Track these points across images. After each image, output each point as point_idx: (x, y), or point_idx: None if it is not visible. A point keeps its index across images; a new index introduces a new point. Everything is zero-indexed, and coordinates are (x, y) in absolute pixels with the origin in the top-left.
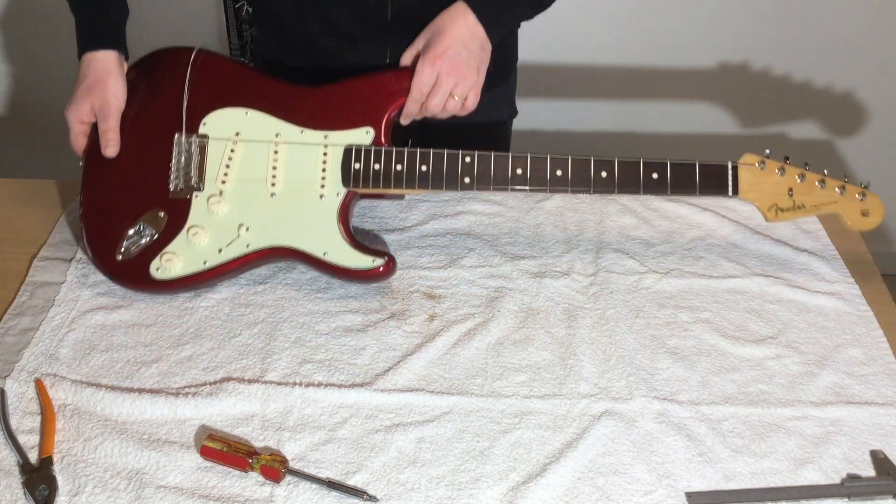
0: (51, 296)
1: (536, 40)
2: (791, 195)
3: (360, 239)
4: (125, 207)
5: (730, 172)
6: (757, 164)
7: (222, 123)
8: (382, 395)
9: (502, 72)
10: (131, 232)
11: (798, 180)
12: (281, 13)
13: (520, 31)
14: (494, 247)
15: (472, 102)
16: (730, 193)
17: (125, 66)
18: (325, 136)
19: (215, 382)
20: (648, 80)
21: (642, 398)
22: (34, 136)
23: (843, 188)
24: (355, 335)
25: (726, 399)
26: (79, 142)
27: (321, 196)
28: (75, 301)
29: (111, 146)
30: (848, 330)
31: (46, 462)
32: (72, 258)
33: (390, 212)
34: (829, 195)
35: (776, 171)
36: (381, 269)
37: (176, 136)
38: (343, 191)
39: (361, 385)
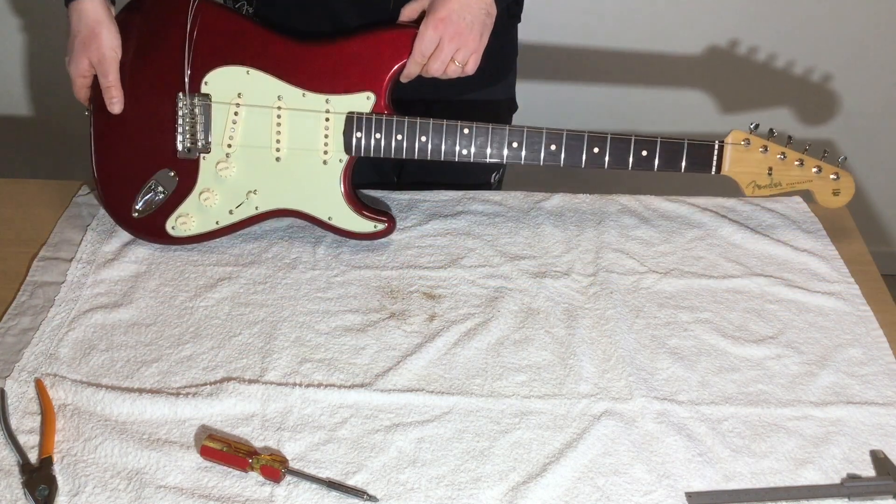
0: (51, 296)
1: (535, 26)
2: (770, 174)
3: (362, 200)
4: (136, 165)
5: (716, 152)
6: (742, 143)
7: (224, 82)
8: (382, 394)
9: (502, 68)
10: (144, 190)
11: (779, 158)
12: (284, 10)
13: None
14: (494, 247)
15: (472, 67)
16: (713, 171)
17: (113, 11)
18: (327, 101)
19: (215, 382)
20: (649, 80)
21: (642, 398)
22: (35, 137)
23: (819, 168)
24: (355, 335)
25: (726, 399)
26: (83, 93)
27: (324, 162)
28: (75, 301)
29: (116, 103)
30: (848, 330)
31: (46, 462)
32: (72, 258)
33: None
34: (805, 174)
35: (759, 149)
36: (383, 231)
37: (179, 94)
38: (345, 157)
39: (361, 385)
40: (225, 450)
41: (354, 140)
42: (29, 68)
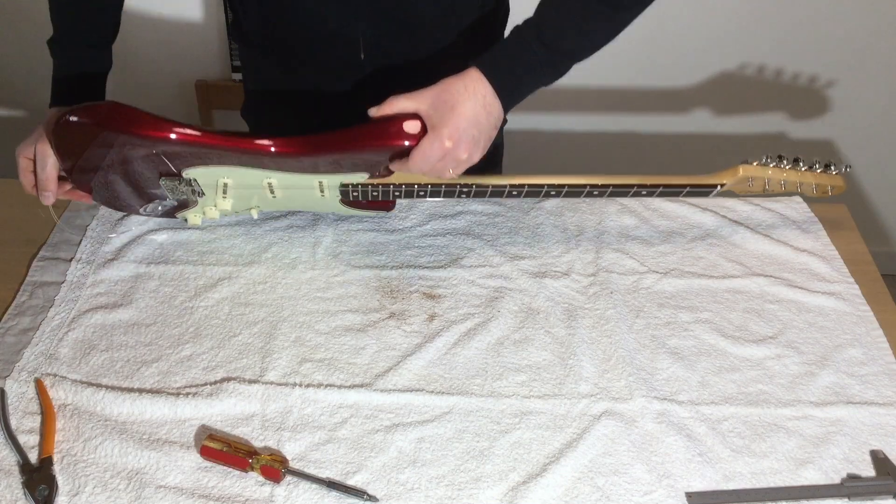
0: (51, 296)
1: None
2: (765, 188)
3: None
4: (132, 200)
5: (716, 191)
6: (749, 183)
7: (206, 175)
8: (382, 394)
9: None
10: (148, 206)
11: (781, 187)
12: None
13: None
14: (494, 247)
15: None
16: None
17: None
18: (320, 180)
19: (215, 382)
20: (648, 79)
21: (642, 398)
22: None
23: (815, 186)
24: (355, 335)
25: (726, 399)
26: (26, 178)
27: (322, 195)
28: (75, 301)
29: (48, 197)
30: (848, 330)
31: (46, 462)
32: (72, 258)
33: (389, 212)
34: (802, 187)
35: (764, 183)
36: (385, 211)
37: (161, 179)
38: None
39: (361, 385)
40: (225, 450)
41: (350, 195)
42: (29, 68)
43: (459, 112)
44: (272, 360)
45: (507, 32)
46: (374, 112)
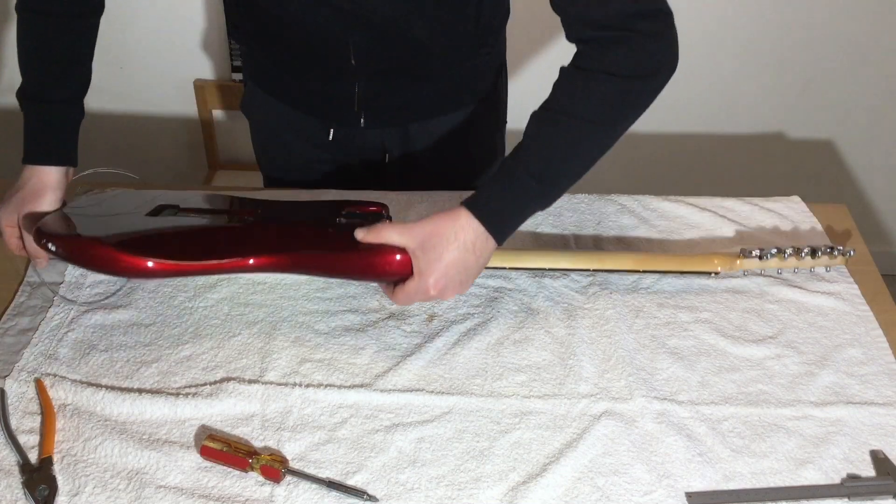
0: (50, 296)
1: (529, 34)
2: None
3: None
4: None
5: (710, 275)
6: (742, 273)
7: None
8: (382, 394)
9: (486, 83)
10: None
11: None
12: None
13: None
14: None
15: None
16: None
17: (69, 176)
18: None
19: (215, 382)
20: None
21: (642, 398)
22: None
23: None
24: (355, 335)
25: (726, 399)
26: (13, 244)
27: None
28: (75, 301)
29: (39, 262)
30: (848, 330)
31: (46, 462)
32: None
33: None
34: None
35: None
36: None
37: None
38: None
39: (361, 385)
40: (225, 450)
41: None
42: None
43: (447, 261)
44: (272, 361)
45: (506, 33)
46: (362, 236)
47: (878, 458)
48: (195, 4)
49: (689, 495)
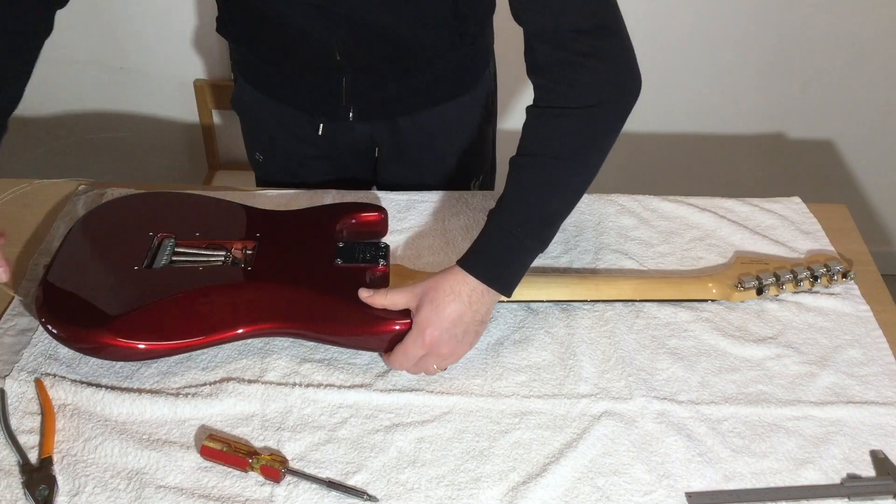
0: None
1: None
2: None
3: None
4: None
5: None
6: (741, 302)
7: None
8: (382, 394)
9: (474, 75)
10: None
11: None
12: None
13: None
14: None
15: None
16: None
17: None
18: None
19: (215, 382)
20: (647, 78)
21: (642, 398)
22: (35, 137)
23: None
24: None
25: (726, 399)
26: None
27: None
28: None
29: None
30: (848, 330)
31: (46, 462)
32: None
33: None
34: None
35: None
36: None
37: None
38: None
39: (361, 385)
40: (225, 450)
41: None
42: None
43: (444, 314)
44: (272, 360)
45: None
46: (366, 297)
47: (878, 458)
48: (195, 4)
49: (689, 495)
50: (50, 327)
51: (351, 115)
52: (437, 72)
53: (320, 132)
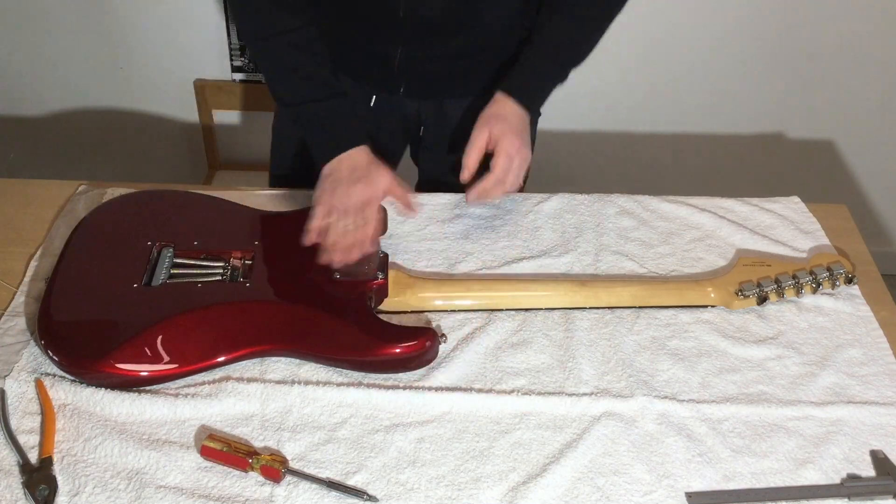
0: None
1: None
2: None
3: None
4: None
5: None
6: (742, 310)
7: None
8: (382, 394)
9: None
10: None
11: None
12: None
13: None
14: (492, 250)
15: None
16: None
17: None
18: None
19: (215, 382)
20: (647, 78)
21: (643, 398)
22: (35, 137)
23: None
24: None
25: (727, 399)
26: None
27: None
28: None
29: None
30: (848, 330)
31: (46, 462)
32: None
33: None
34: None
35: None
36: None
37: None
38: None
39: (361, 385)
40: (225, 450)
41: None
42: (29, 68)
43: (514, 125)
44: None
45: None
46: (467, 174)
47: (878, 458)
48: (195, 4)
49: (689, 495)
50: (51, 353)
51: (402, 89)
52: (494, 56)
53: (372, 104)
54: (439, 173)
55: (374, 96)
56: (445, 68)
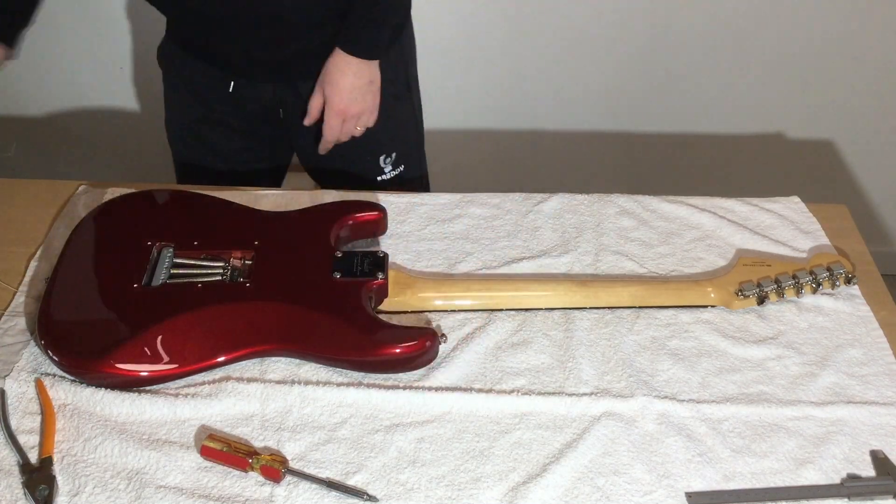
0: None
1: (532, 33)
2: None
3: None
4: None
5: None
6: (742, 310)
7: None
8: (382, 394)
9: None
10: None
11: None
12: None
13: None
14: (492, 250)
15: (372, 122)
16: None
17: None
18: None
19: (215, 382)
20: (646, 78)
21: (643, 398)
22: (35, 137)
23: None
24: None
25: (727, 399)
26: None
27: None
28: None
29: None
30: (848, 330)
31: (46, 462)
32: None
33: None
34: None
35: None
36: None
37: None
38: None
39: (361, 385)
40: (225, 450)
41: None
42: (29, 68)
43: (339, 86)
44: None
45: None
46: (309, 121)
47: (878, 458)
48: None
49: (689, 495)
50: (51, 353)
51: (251, 76)
52: (321, 36)
53: (231, 89)
54: (316, 157)
55: (233, 82)
56: (275, 57)
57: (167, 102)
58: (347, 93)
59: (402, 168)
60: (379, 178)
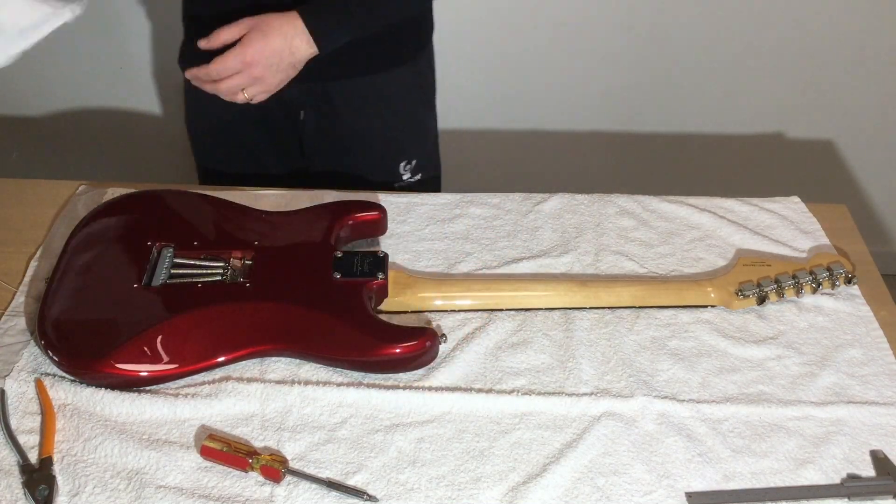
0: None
1: (530, 23)
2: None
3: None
4: None
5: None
6: (742, 310)
7: None
8: (382, 394)
9: (408, 47)
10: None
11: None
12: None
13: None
14: (492, 250)
15: (258, 99)
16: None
17: None
18: None
19: (215, 382)
20: (646, 78)
21: (643, 398)
22: (35, 137)
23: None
24: None
25: (727, 399)
26: None
27: None
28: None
29: None
30: (848, 330)
31: (46, 462)
32: None
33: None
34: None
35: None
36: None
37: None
38: None
39: (361, 385)
40: (225, 450)
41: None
42: (29, 68)
43: (268, 41)
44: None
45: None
46: (204, 44)
47: (878, 458)
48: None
49: (689, 495)
50: (51, 353)
51: None
52: (370, 38)
53: None
54: (332, 162)
55: None
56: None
57: (188, 104)
58: (269, 53)
59: (419, 175)
60: (396, 185)
